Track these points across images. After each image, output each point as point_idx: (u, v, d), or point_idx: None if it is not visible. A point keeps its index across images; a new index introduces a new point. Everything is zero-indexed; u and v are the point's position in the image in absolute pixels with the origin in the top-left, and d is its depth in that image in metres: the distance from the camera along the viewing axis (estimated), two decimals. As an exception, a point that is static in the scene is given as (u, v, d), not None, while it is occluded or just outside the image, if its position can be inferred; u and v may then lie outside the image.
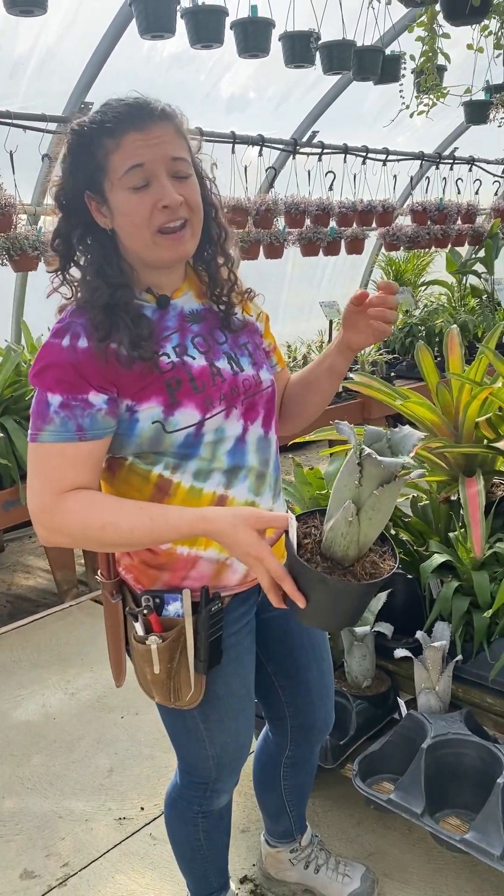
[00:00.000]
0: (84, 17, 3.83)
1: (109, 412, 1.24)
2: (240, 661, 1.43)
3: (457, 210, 6.25)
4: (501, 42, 2.82)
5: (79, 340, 1.22)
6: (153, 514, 1.21)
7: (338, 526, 1.09)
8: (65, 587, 3.52)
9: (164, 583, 1.36)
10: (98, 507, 1.22)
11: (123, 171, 1.21)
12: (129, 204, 1.22)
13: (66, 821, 2.18)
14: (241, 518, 1.17)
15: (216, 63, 4.56)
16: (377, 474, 1.03)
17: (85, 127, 1.24)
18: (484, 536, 1.98)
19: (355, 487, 1.05)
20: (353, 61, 3.77)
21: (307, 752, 1.69)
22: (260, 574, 1.16)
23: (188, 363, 1.29)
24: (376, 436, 1.10)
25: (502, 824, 1.63)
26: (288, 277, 6.29)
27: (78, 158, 1.24)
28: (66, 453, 1.23)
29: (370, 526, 1.08)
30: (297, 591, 1.12)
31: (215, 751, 1.46)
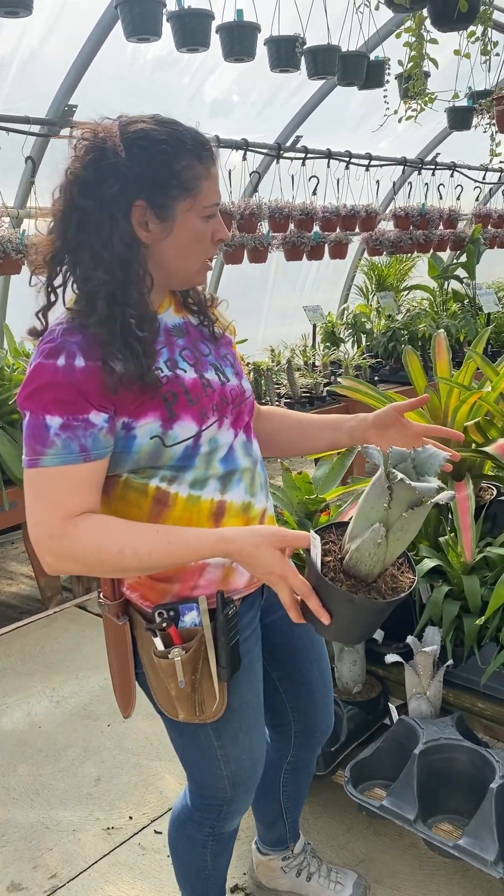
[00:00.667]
0: (68, 19, 3.81)
1: (109, 431, 1.21)
2: (251, 669, 1.41)
3: (439, 215, 6.28)
4: (488, 48, 2.84)
5: (75, 360, 1.17)
6: (172, 537, 1.19)
7: (365, 547, 1.10)
8: (49, 593, 3.48)
9: (175, 595, 1.33)
10: (113, 530, 1.19)
11: (210, 202, 1.25)
12: (201, 231, 1.26)
13: (53, 831, 2.15)
14: (262, 538, 1.17)
15: (200, 66, 4.55)
16: (407, 498, 1.04)
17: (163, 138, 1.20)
18: (474, 540, 1.98)
19: (384, 510, 1.06)
20: (337, 66, 3.77)
21: (308, 756, 1.69)
22: (283, 592, 1.16)
23: (181, 376, 1.29)
24: (401, 456, 1.10)
25: (495, 829, 1.63)
26: (271, 282, 6.29)
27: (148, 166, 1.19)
28: (71, 476, 1.19)
29: (397, 546, 1.10)
30: (322, 608, 1.12)
31: (230, 770, 1.42)
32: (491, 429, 2.29)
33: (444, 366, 2.43)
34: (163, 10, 3.13)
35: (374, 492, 1.07)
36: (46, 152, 4.17)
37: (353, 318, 6.01)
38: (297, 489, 2.35)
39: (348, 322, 6.04)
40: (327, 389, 4.76)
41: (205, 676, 1.31)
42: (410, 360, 2.41)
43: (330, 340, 5.78)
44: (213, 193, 1.26)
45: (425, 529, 2.29)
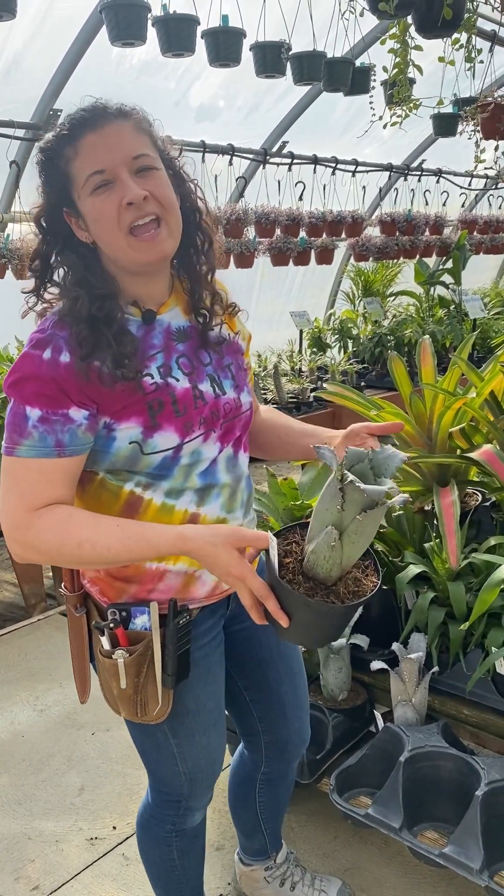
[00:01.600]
0: (53, 23, 3.80)
1: (89, 428, 1.21)
2: (210, 674, 1.41)
3: (425, 221, 6.32)
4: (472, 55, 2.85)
5: (61, 355, 1.18)
6: (131, 532, 1.18)
7: (320, 550, 1.07)
8: (32, 601, 3.45)
9: (131, 595, 1.33)
10: (74, 523, 1.19)
11: (85, 178, 1.19)
12: (95, 208, 1.19)
13: (35, 842, 2.12)
14: (221, 537, 1.15)
15: (186, 71, 4.55)
16: (359, 500, 1.01)
17: (48, 142, 1.21)
18: (459, 546, 1.97)
19: (337, 512, 1.03)
20: (323, 72, 3.78)
21: (283, 768, 1.67)
22: (242, 593, 1.14)
23: (172, 385, 1.27)
24: (358, 456, 1.07)
25: (481, 837, 1.62)
26: (258, 287, 6.29)
27: (48, 176, 1.22)
28: (44, 469, 1.19)
29: (353, 549, 1.07)
30: (281, 611, 1.10)
31: (187, 766, 1.43)
32: (476, 434, 2.29)
33: (430, 371, 2.43)
34: (148, 14, 3.13)
35: (328, 493, 1.04)
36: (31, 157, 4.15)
37: (340, 324, 6.02)
38: (283, 495, 2.34)
39: (335, 328, 6.05)
40: (314, 395, 4.77)
41: (149, 680, 1.31)
42: (396, 366, 2.41)
43: (316, 346, 5.79)
44: (86, 165, 1.18)
45: (411, 535, 2.28)
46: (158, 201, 1.20)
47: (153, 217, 1.20)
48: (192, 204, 1.31)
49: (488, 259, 8.23)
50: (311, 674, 2.19)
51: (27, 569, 3.41)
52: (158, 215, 1.21)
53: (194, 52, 3.33)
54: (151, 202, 1.20)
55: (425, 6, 2.44)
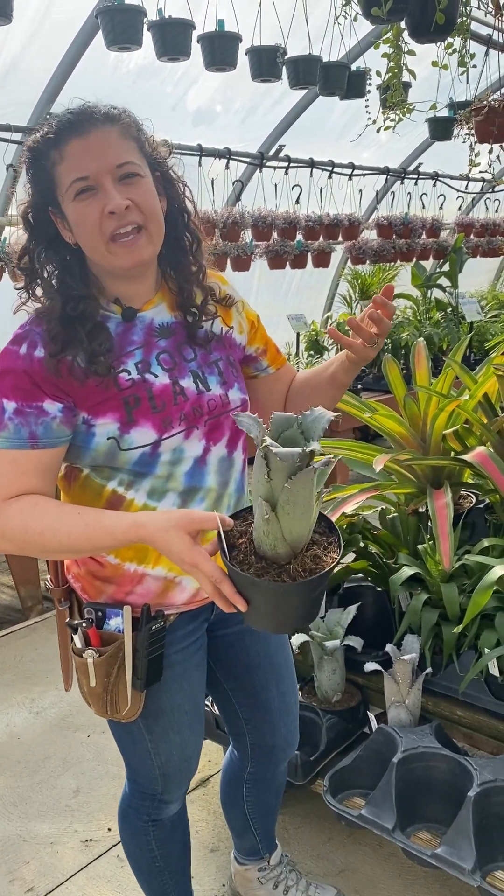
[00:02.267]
0: (49, 28, 3.80)
1: (64, 421, 1.23)
2: (186, 677, 1.42)
3: (421, 224, 6.32)
4: (465, 60, 2.87)
5: (35, 350, 1.22)
6: (89, 519, 1.20)
7: (258, 525, 1.04)
8: (29, 603, 3.46)
9: (109, 596, 1.35)
10: (38, 511, 1.21)
11: (68, 183, 1.20)
12: (78, 213, 1.21)
13: (30, 844, 2.13)
14: (172, 521, 1.14)
15: (183, 75, 4.56)
16: (282, 467, 0.96)
17: (36, 143, 1.23)
18: (452, 548, 1.98)
19: (266, 482, 0.99)
20: (319, 76, 3.79)
21: (270, 770, 1.67)
22: (200, 580, 1.11)
23: (149, 381, 1.27)
24: (286, 422, 1.03)
25: (473, 838, 1.62)
26: (255, 290, 6.30)
27: (34, 175, 1.24)
28: (17, 460, 1.22)
29: (291, 521, 1.01)
30: (237, 595, 1.07)
31: (160, 761, 1.45)
32: (469, 437, 2.30)
33: (424, 374, 2.44)
34: (143, 19, 3.13)
35: (257, 465, 1.00)
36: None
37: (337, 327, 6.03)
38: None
39: (332, 330, 6.05)
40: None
41: (120, 681, 1.32)
42: (390, 369, 2.42)
43: (314, 348, 5.79)
44: (71, 171, 1.19)
45: (404, 537, 2.29)
46: (140, 210, 1.21)
47: (134, 226, 1.21)
48: (181, 205, 1.33)
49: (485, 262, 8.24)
50: (305, 675, 2.20)
51: (24, 571, 3.41)
52: (140, 224, 1.22)
53: (190, 57, 3.33)
54: (133, 211, 1.21)
55: (418, 11, 2.45)
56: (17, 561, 3.38)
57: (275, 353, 1.52)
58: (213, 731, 2.10)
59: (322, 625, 2.12)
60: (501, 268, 9.24)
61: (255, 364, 1.50)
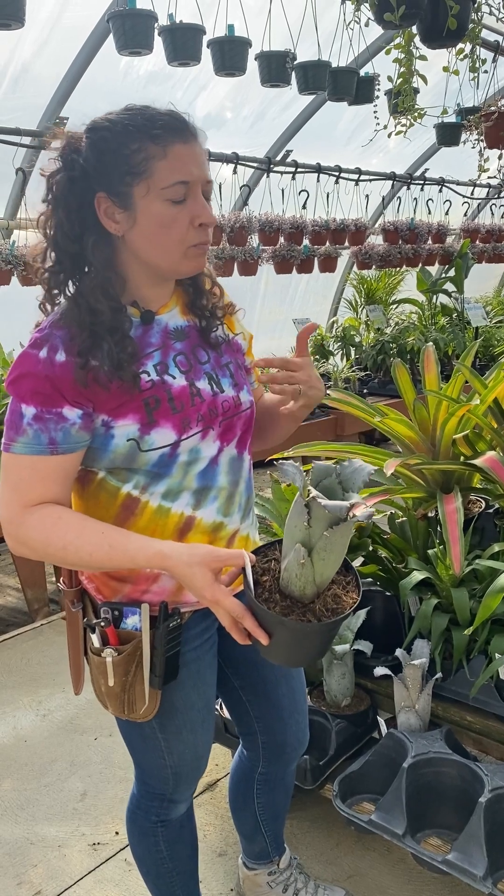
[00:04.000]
0: (60, 32, 3.82)
1: (83, 427, 1.23)
2: (200, 675, 1.42)
3: (427, 230, 6.33)
4: (476, 65, 2.88)
5: (57, 354, 1.20)
6: (113, 541, 1.20)
7: (291, 567, 1.06)
8: (36, 606, 3.46)
9: (125, 595, 1.35)
10: (61, 526, 1.21)
11: (170, 182, 1.19)
12: (166, 215, 1.20)
13: (38, 847, 2.12)
14: (197, 557, 1.16)
15: (193, 81, 4.58)
16: (325, 516, 1.00)
17: (117, 125, 1.19)
18: (463, 553, 1.97)
19: (305, 529, 1.02)
20: (328, 81, 3.80)
21: (280, 770, 1.67)
22: (220, 614, 1.14)
23: (168, 382, 1.28)
24: (325, 472, 1.07)
25: (484, 844, 1.62)
26: (261, 294, 6.31)
27: (103, 155, 1.19)
28: (37, 466, 1.22)
29: (324, 566, 1.05)
30: (259, 629, 1.09)
31: (173, 761, 1.45)
32: (479, 441, 2.30)
33: (433, 379, 2.44)
34: (155, 24, 3.15)
35: (295, 510, 1.03)
36: (37, 164, 4.18)
37: (343, 331, 6.03)
38: (286, 501, 2.34)
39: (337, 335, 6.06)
40: (317, 402, 4.76)
41: (137, 680, 1.32)
42: (400, 373, 2.42)
43: (319, 353, 5.80)
44: (175, 172, 1.18)
45: (414, 542, 2.29)
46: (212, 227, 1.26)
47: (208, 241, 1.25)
48: None
49: (491, 268, 8.25)
50: (314, 679, 2.20)
51: (31, 574, 3.41)
52: (209, 242, 1.26)
53: (200, 62, 3.35)
54: (211, 227, 1.25)
55: (430, 17, 2.46)
56: (24, 564, 3.38)
57: (257, 371, 1.56)
58: (221, 735, 2.10)
59: (331, 629, 2.11)
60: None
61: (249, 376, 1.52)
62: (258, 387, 1.57)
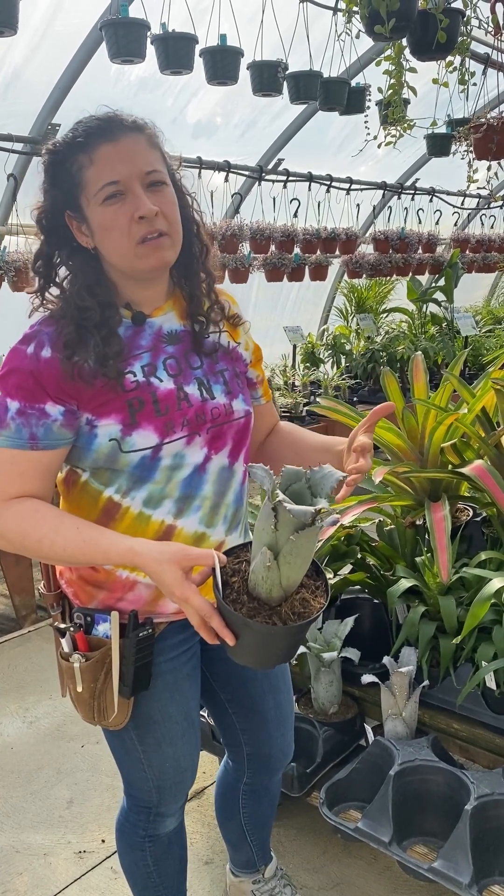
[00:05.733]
0: (53, 39, 3.83)
1: (66, 424, 1.24)
2: (178, 686, 1.41)
3: (418, 239, 6.37)
4: (465, 78, 2.90)
5: (43, 350, 1.23)
6: (87, 536, 1.21)
7: (258, 570, 1.07)
8: (23, 612, 3.44)
9: (100, 601, 1.35)
10: (38, 519, 1.23)
11: (99, 187, 1.21)
12: (105, 217, 1.22)
13: (23, 855, 2.11)
14: (167, 555, 1.16)
15: (183, 88, 4.60)
16: (291, 521, 1.00)
17: (59, 145, 1.24)
18: (450, 561, 1.98)
19: (272, 532, 1.02)
20: (319, 91, 3.83)
21: (266, 780, 1.67)
22: (188, 613, 1.14)
23: (154, 384, 1.28)
24: (295, 476, 1.07)
25: (470, 852, 1.62)
26: (252, 302, 6.33)
27: (54, 178, 1.25)
28: (17, 460, 1.24)
29: (291, 569, 1.06)
30: (226, 629, 1.10)
31: (153, 773, 1.44)
32: (467, 450, 2.31)
33: (422, 387, 2.46)
34: (147, 32, 3.16)
35: (263, 513, 1.03)
36: (29, 170, 4.18)
37: (333, 339, 6.05)
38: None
39: (328, 343, 6.08)
40: (307, 409, 4.78)
41: (108, 687, 1.33)
42: (389, 382, 2.43)
43: (310, 361, 5.82)
44: (102, 175, 1.20)
45: (402, 549, 2.30)
46: (166, 217, 1.24)
47: (159, 232, 1.24)
48: (190, 216, 1.35)
49: (480, 277, 8.30)
50: (301, 687, 2.20)
51: (18, 580, 3.40)
52: (164, 231, 1.24)
53: (192, 70, 3.36)
54: (160, 218, 1.23)
55: (420, 29, 2.48)
56: (11, 570, 3.37)
57: (266, 386, 1.58)
58: (208, 742, 2.09)
59: (319, 636, 2.12)
60: (496, 283, 9.31)
61: (253, 391, 1.53)
62: (266, 404, 1.57)
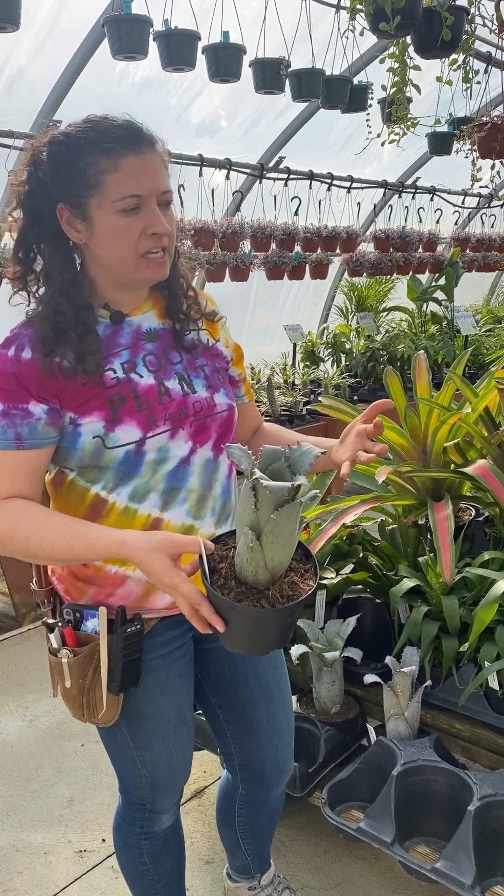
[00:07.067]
0: (57, 37, 3.82)
1: (50, 423, 1.26)
2: (169, 683, 1.41)
3: (418, 238, 6.36)
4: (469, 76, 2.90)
5: (23, 351, 1.25)
6: (74, 531, 1.22)
7: (242, 552, 1.08)
8: (23, 610, 3.44)
9: (90, 597, 1.36)
10: (26, 518, 1.23)
11: (120, 196, 1.23)
12: (118, 226, 1.24)
13: (23, 854, 2.11)
14: (154, 543, 1.16)
15: (188, 88, 4.59)
16: (269, 499, 1.01)
17: (72, 139, 1.23)
18: (453, 561, 1.98)
19: (253, 512, 1.03)
20: (321, 89, 3.82)
21: (262, 794, 1.63)
22: (178, 601, 1.14)
23: (134, 380, 1.30)
24: (274, 455, 1.08)
25: (473, 853, 1.62)
26: (253, 300, 6.31)
27: (59, 169, 1.24)
28: (3, 460, 1.25)
29: (274, 549, 1.06)
30: (216, 616, 1.10)
31: (146, 770, 1.44)
32: (470, 450, 2.30)
33: (425, 387, 2.45)
34: (150, 29, 3.15)
35: (244, 494, 1.04)
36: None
37: (333, 338, 6.04)
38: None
39: (328, 341, 6.07)
40: (307, 408, 4.77)
41: (96, 683, 1.33)
42: (391, 381, 2.43)
43: (310, 359, 5.81)
44: (126, 186, 1.22)
45: (405, 549, 2.29)
46: (170, 236, 1.29)
47: (163, 249, 1.28)
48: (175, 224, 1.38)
49: (481, 277, 8.29)
50: (303, 687, 2.19)
51: (18, 578, 3.39)
52: (166, 248, 1.29)
53: (195, 67, 3.35)
54: (167, 236, 1.28)
55: (425, 27, 2.48)
56: (11, 568, 3.36)
57: (248, 385, 1.59)
58: (209, 742, 2.09)
59: (321, 636, 2.11)
60: (496, 283, 9.30)
61: (236, 389, 1.55)
62: (249, 402, 1.59)
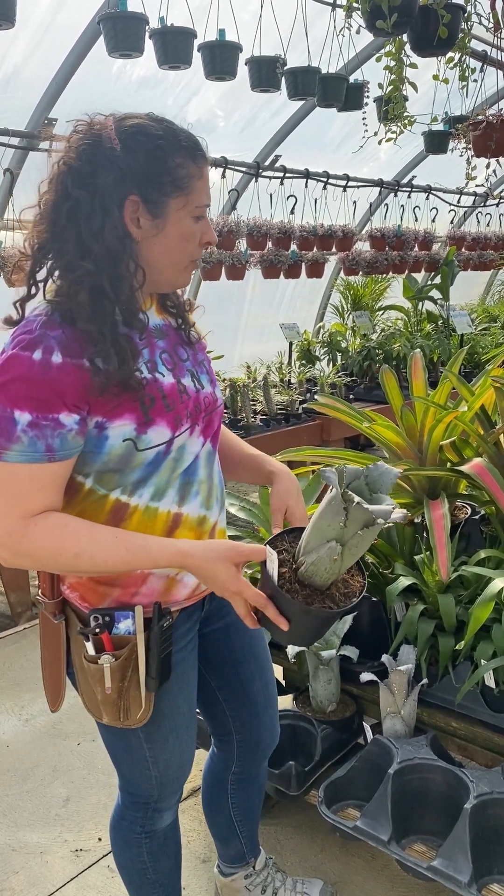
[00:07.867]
0: (53, 35, 3.81)
1: (80, 432, 1.20)
2: (185, 677, 1.42)
3: (414, 237, 6.36)
4: (466, 74, 2.90)
5: (52, 356, 1.14)
6: (131, 545, 1.20)
7: (321, 562, 1.14)
8: (19, 609, 3.43)
9: (115, 599, 1.33)
10: (72, 534, 1.19)
11: (200, 202, 1.26)
12: (189, 230, 1.26)
13: (19, 853, 2.10)
14: (220, 552, 1.20)
15: (185, 87, 4.59)
16: (362, 518, 1.08)
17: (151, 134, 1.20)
18: (450, 559, 1.98)
19: (340, 529, 1.10)
20: (317, 87, 3.82)
21: (254, 768, 1.68)
22: (237, 603, 1.20)
23: (159, 380, 1.28)
24: (354, 474, 1.14)
25: (469, 851, 1.62)
26: (249, 299, 6.31)
27: (140, 159, 1.19)
28: (35, 475, 1.17)
29: (350, 560, 1.15)
30: (281, 616, 1.17)
31: (158, 770, 1.44)
32: (466, 448, 2.31)
33: (421, 385, 2.45)
34: (146, 27, 3.15)
35: (330, 511, 1.10)
36: (25, 165, 4.16)
37: (329, 337, 6.05)
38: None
39: (324, 340, 6.07)
40: (303, 406, 4.77)
41: (132, 684, 1.32)
42: (388, 380, 2.43)
43: (306, 358, 5.81)
44: (205, 194, 1.27)
45: (401, 547, 2.29)
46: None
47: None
48: None
49: (476, 275, 8.31)
50: (299, 685, 2.19)
51: (13, 577, 3.39)
52: None
53: (191, 65, 3.35)
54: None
55: (421, 25, 2.47)
56: (6, 567, 3.35)
57: None
58: (206, 740, 2.08)
59: (318, 634, 2.11)
60: (492, 281, 9.31)
61: None
62: None
